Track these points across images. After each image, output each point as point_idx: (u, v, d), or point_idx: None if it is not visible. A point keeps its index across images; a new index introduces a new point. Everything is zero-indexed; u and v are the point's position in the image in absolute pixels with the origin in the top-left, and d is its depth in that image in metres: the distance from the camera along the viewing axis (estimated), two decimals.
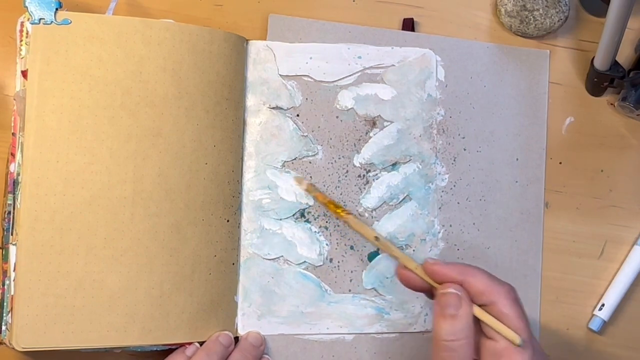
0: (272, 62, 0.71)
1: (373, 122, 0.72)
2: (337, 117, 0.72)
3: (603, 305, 0.74)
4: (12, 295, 0.61)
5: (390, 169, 0.72)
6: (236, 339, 0.69)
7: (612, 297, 0.74)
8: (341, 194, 0.71)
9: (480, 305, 0.58)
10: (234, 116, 0.68)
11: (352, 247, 0.71)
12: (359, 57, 0.72)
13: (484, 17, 0.76)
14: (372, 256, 0.71)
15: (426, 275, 0.60)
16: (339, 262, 0.71)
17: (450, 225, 0.73)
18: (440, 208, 0.73)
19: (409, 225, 0.72)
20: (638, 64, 0.74)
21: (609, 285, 0.75)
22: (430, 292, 0.62)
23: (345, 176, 0.71)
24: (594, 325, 0.74)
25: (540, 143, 0.75)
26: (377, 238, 0.65)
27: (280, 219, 0.70)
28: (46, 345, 0.61)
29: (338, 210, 0.67)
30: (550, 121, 0.76)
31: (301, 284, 0.70)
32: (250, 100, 0.70)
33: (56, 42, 0.63)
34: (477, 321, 0.58)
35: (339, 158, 0.71)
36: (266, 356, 0.69)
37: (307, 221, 0.70)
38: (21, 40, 0.63)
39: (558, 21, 0.75)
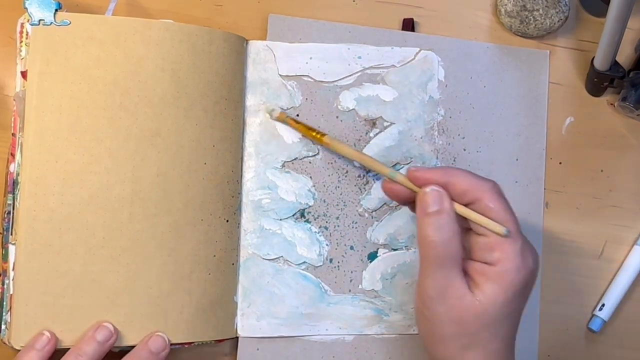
0: (272, 62, 0.71)
1: (373, 123, 0.72)
2: (337, 117, 0.72)
3: (603, 305, 0.74)
4: (12, 294, 0.62)
5: None
6: (237, 339, 0.69)
7: (612, 297, 0.74)
8: (341, 194, 0.71)
9: (466, 205, 0.58)
10: (234, 116, 0.68)
11: (352, 247, 0.71)
12: (359, 57, 0.72)
13: (484, 17, 0.76)
14: (372, 256, 0.71)
15: (410, 183, 0.60)
16: (339, 262, 0.71)
17: None
18: None
19: (409, 226, 0.72)
20: (638, 64, 0.74)
21: (609, 285, 0.75)
22: (408, 201, 0.62)
23: (345, 176, 0.71)
24: (594, 325, 0.74)
25: (540, 143, 0.75)
26: (360, 153, 0.67)
27: (280, 219, 0.70)
28: None
29: (315, 135, 0.68)
30: (550, 121, 0.76)
31: (301, 285, 0.70)
32: (250, 100, 0.70)
33: (56, 43, 0.63)
34: (466, 222, 0.58)
35: (339, 158, 0.71)
36: None
37: (307, 221, 0.71)
38: (21, 41, 0.64)
39: (558, 21, 0.75)
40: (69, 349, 0.62)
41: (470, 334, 0.56)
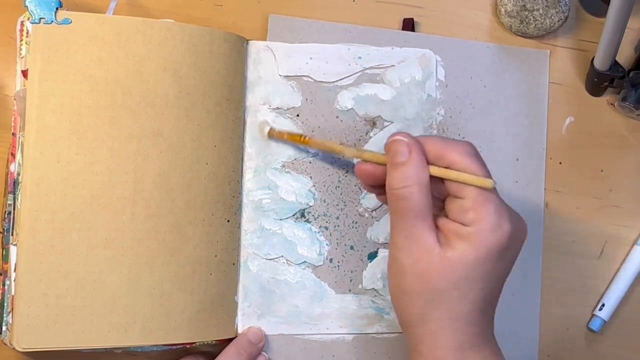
0: (272, 62, 0.71)
1: (373, 122, 0.72)
2: (337, 117, 0.72)
3: (603, 305, 0.74)
4: (13, 296, 0.61)
5: None
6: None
7: (612, 297, 0.74)
8: (341, 194, 0.71)
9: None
10: (234, 116, 0.68)
11: (352, 247, 0.71)
12: (359, 58, 0.72)
13: (484, 17, 0.76)
14: (372, 256, 0.71)
15: (380, 156, 0.59)
16: (339, 262, 0.71)
17: None
18: None
19: None
20: (638, 64, 0.74)
21: (609, 285, 0.75)
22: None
23: (345, 176, 0.71)
24: (594, 325, 0.74)
25: (540, 143, 0.75)
26: (341, 144, 0.67)
27: (280, 219, 0.70)
28: (47, 346, 0.61)
29: (300, 139, 0.69)
30: (550, 121, 0.76)
31: (301, 284, 0.70)
32: (250, 100, 0.70)
33: (56, 41, 0.63)
34: (442, 187, 0.57)
35: (339, 158, 0.71)
36: (263, 354, 0.69)
37: (307, 221, 0.71)
38: (21, 40, 0.63)
39: (558, 21, 0.75)
40: (74, 350, 0.62)
41: (435, 290, 0.55)
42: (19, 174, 0.62)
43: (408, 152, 0.56)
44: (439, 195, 0.58)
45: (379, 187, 0.61)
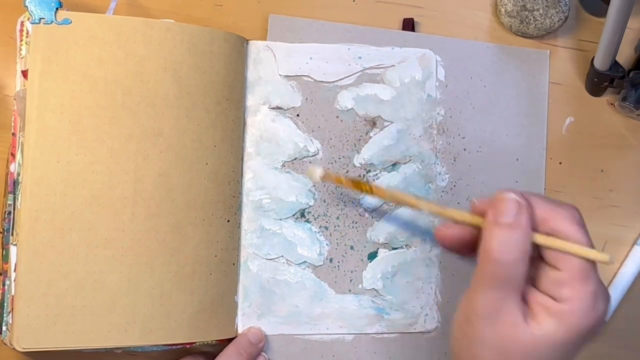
0: (272, 62, 0.71)
1: (373, 122, 0.72)
2: (337, 117, 0.72)
3: None
4: (13, 296, 0.61)
5: (390, 169, 0.72)
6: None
7: (612, 297, 0.74)
8: (341, 194, 0.71)
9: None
10: (234, 116, 0.68)
11: (352, 247, 0.71)
12: (359, 58, 0.72)
13: (484, 17, 0.76)
14: (372, 256, 0.71)
15: (474, 216, 0.54)
16: (339, 262, 0.71)
17: None
18: None
19: (409, 225, 0.72)
20: (638, 64, 0.74)
21: (609, 285, 0.75)
22: (471, 247, 0.55)
23: (345, 176, 0.71)
24: None
25: (540, 143, 0.75)
26: (417, 198, 0.63)
27: (280, 219, 0.70)
28: (47, 346, 0.61)
29: (365, 188, 0.66)
30: (550, 121, 0.76)
31: (301, 284, 0.70)
32: (250, 100, 0.70)
33: (56, 41, 0.63)
34: (536, 249, 0.52)
35: (339, 158, 0.71)
36: (263, 354, 0.69)
37: (307, 221, 0.71)
38: (21, 40, 0.63)
39: (558, 21, 0.75)
40: (74, 350, 0.62)
41: None
42: (19, 174, 0.62)
43: (516, 213, 0.51)
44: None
45: (462, 247, 0.57)
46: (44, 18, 0.63)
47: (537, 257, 0.52)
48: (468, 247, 0.56)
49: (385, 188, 0.67)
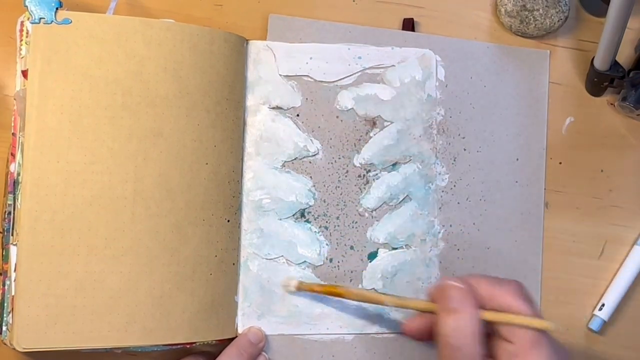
0: (272, 62, 0.71)
1: (373, 122, 0.72)
2: (337, 117, 0.72)
3: (603, 305, 0.74)
4: (13, 296, 0.61)
5: (390, 169, 0.72)
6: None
7: (612, 297, 0.74)
8: (341, 194, 0.71)
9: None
10: (234, 116, 0.68)
11: (352, 247, 0.71)
12: (359, 58, 0.72)
13: (484, 17, 0.77)
14: (372, 256, 0.71)
15: (430, 304, 0.58)
16: (339, 262, 0.71)
17: (450, 225, 0.73)
18: (440, 208, 0.73)
19: (409, 225, 0.72)
20: (638, 64, 0.74)
21: (609, 285, 0.75)
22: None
23: (345, 176, 0.71)
24: (594, 325, 0.74)
25: (540, 143, 0.75)
26: (381, 293, 0.67)
27: (280, 219, 0.70)
28: (47, 346, 0.61)
29: (334, 291, 0.68)
30: (550, 121, 0.76)
31: None
32: (250, 100, 0.70)
33: (57, 41, 0.63)
34: (489, 326, 0.56)
35: (339, 158, 0.71)
36: (264, 354, 0.69)
37: (307, 221, 0.71)
38: (21, 40, 0.63)
39: (558, 21, 0.75)
40: (74, 350, 0.62)
41: None
42: (19, 174, 0.62)
43: (461, 297, 0.55)
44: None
45: (428, 335, 0.61)
46: (44, 18, 0.63)
47: (493, 333, 0.56)
48: (433, 334, 0.59)
49: (352, 290, 0.68)
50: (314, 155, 0.71)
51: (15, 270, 0.62)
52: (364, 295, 0.68)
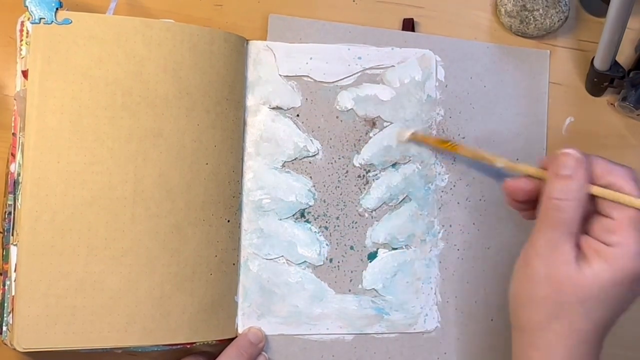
0: (272, 62, 0.71)
1: (373, 123, 0.72)
2: (337, 117, 0.72)
3: None
4: (13, 296, 0.61)
5: (390, 169, 0.72)
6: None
7: None
8: (341, 194, 0.71)
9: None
10: (234, 116, 0.68)
11: (352, 247, 0.71)
12: (359, 58, 0.72)
13: (484, 17, 0.76)
14: (372, 256, 0.71)
15: (539, 170, 0.60)
16: (339, 262, 0.71)
17: (450, 225, 0.73)
18: (440, 208, 0.73)
19: (408, 225, 0.72)
20: (638, 64, 0.74)
21: None
22: (532, 203, 0.61)
23: (345, 176, 0.71)
24: None
25: (540, 143, 0.75)
26: (493, 154, 0.68)
27: (280, 219, 0.70)
28: (47, 346, 0.61)
29: (448, 145, 0.70)
30: (550, 121, 0.76)
31: (301, 284, 0.70)
32: (250, 100, 0.70)
33: (57, 41, 0.63)
34: (592, 204, 0.57)
35: (339, 158, 0.71)
36: (264, 354, 0.69)
37: (307, 221, 0.71)
38: (21, 40, 0.63)
39: (558, 21, 0.75)
40: (74, 351, 0.62)
41: (563, 302, 0.56)
42: (19, 174, 0.62)
43: (575, 167, 0.57)
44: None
45: (524, 202, 0.62)
46: (44, 18, 0.63)
47: (592, 212, 0.58)
48: (529, 203, 0.61)
49: (465, 146, 0.71)
50: (314, 155, 0.71)
51: (15, 271, 0.62)
52: (476, 152, 0.70)
